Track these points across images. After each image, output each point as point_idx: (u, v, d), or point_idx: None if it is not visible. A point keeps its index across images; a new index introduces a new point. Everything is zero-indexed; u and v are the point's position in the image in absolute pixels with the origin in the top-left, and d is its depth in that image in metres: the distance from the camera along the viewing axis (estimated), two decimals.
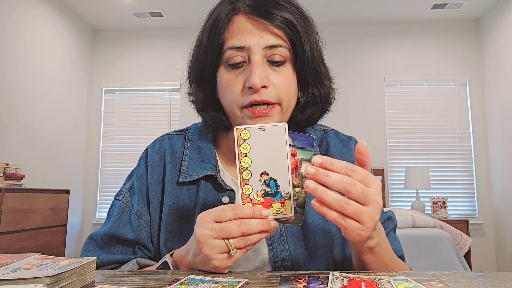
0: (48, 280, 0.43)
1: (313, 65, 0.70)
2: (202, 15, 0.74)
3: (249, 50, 0.65)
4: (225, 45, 0.67)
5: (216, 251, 0.53)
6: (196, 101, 0.75)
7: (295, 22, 0.67)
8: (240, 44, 0.65)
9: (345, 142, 0.81)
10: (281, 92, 0.66)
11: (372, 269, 0.61)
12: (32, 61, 3.64)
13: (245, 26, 0.66)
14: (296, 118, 0.74)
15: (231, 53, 0.66)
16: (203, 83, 0.73)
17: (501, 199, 3.99)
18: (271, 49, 0.65)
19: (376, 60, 4.48)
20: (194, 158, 0.75)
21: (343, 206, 0.49)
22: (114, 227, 0.73)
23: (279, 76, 0.66)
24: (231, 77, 0.67)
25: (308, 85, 0.72)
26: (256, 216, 0.53)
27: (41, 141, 3.74)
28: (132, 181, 0.78)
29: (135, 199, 0.75)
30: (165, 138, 0.80)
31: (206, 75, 0.71)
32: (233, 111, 0.68)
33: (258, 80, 0.63)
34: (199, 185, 0.73)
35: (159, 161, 0.77)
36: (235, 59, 0.66)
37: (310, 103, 0.73)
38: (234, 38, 0.66)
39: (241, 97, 0.66)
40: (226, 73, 0.67)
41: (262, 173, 0.54)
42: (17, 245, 2.70)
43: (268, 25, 0.66)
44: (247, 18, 0.67)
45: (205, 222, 0.54)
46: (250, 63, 0.65)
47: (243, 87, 0.65)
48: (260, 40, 0.65)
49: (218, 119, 0.73)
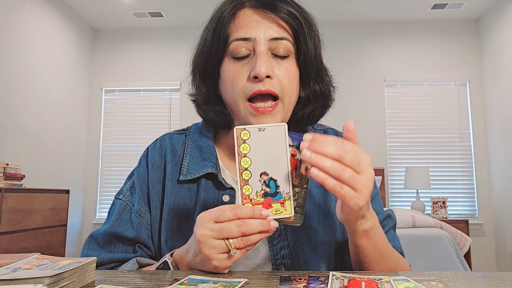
0: (48, 280, 0.43)
1: (316, 61, 0.71)
2: (202, 15, 0.75)
3: (255, 41, 0.66)
4: (230, 38, 0.68)
5: (216, 251, 0.53)
6: (199, 96, 0.75)
7: (299, 17, 0.68)
8: (245, 35, 0.66)
9: None
10: (284, 85, 0.67)
11: (369, 256, 0.62)
12: (32, 61, 3.64)
13: (251, 19, 0.68)
14: (297, 115, 0.74)
15: (237, 44, 0.67)
16: (206, 78, 0.73)
17: (501, 199, 3.99)
18: (275, 41, 0.67)
19: (376, 60, 4.48)
20: (194, 157, 0.75)
21: (340, 172, 0.50)
22: (115, 226, 0.73)
23: (282, 69, 0.67)
24: (236, 68, 0.67)
25: (309, 80, 0.73)
26: (256, 216, 0.53)
27: (41, 141, 3.74)
28: (133, 180, 0.78)
29: (135, 198, 0.75)
30: (166, 137, 0.80)
31: (210, 70, 0.72)
32: (236, 105, 0.68)
33: (263, 70, 0.64)
34: (200, 184, 0.73)
35: (159, 160, 0.77)
36: (240, 51, 0.67)
37: (311, 98, 0.74)
38: (240, 30, 0.67)
39: (245, 88, 0.66)
40: (232, 66, 0.68)
41: (262, 173, 0.54)
42: (17, 245, 2.70)
43: (274, 17, 0.67)
44: (253, 11, 0.68)
45: (205, 222, 0.54)
46: (255, 54, 0.66)
47: (248, 77, 0.66)
48: (265, 32, 0.66)
49: (220, 112, 0.73)
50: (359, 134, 3.25)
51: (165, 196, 0.74)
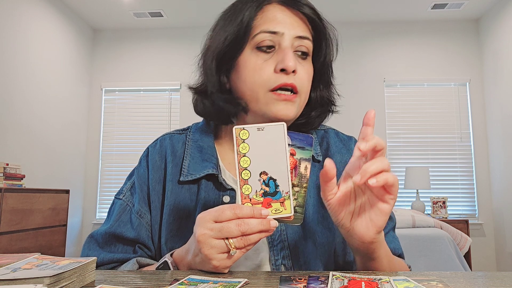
0: (48, 280, 0.43)
1: (329, 68, 0.75)
2: (202, 15, 0.75)
3: (282, 36, 0.67)
4: (256, 29, 0.68)
5: (215, 251, 0.53)
6: (210, 84, 0.73)
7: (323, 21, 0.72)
8: (274, 29, 0.67)
9: (345, 142, 0.81)
10: (303, 83, 0.69)
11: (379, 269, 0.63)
12: (32, 61, 3.64)
13: (281, 14, 0.69)
14: (301, 119, 0.75)
15: (264, 36, 0.68)
16: (221, 67, 0.72)
17: (501, 199, 3.99)
18: (300, 40, 0.69)
19: (376, 60, 4.48)
20: (195, 157, 0.75)
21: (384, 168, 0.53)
22: (115, 226, 0.73)
23: (302, 68, 0.69)
24: (259, 61, 0.68)
25: (319, 84, 0.75)
26: (256, 215, 0.53)
27: (41, 141, 3.74)
28: (133, 180, 0.78)
29: (136, 198, 0.75)
30: (166, 137, 0.80)
31: (227, 59, 0.71)
32: (255, 94, 0.68)
33: (291, 63, 0.65)
34: (200, 185, 0.73)
35: (160, 161, 0.76)
36: (266, 43, 0.68)
37: (318, 103, 0.76)
38: (268, 24, 0.68)
39: (269, 79, 0.67)
40: (254, 57, 0.68)
41: (261, 173, 0.54)
42: (17, 245, 2.70)
43: (301, 17, 0.70)
44: (280, 7, 0.70)
45: (204, 222, 0.54)
46: (281, 48, 0.68)
47: (273, 70, 0.67)
48: (291, 29, 0.68)
49: (233, 100, 0.71)
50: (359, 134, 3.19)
51: (165, 197, 0.73)
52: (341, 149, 0.79)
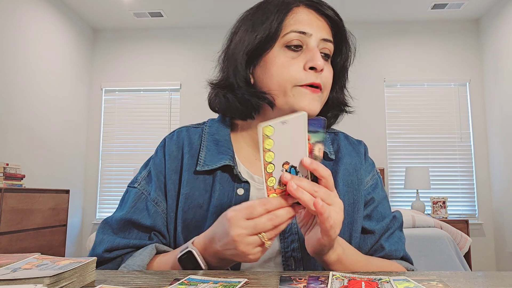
0: (48, 280, 0.43)
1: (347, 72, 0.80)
2: (202, 15, 0.75)
3: (310, 37, 0.71)
4: (286, 29, 0.72)
5: (252, 247, 0.55)
6: (236, 78, 0.75)
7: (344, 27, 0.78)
8: (304, 30, 0.71)
9: (355, 146, 0.84)
10: (327, 82, 0.73)
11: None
12: (32, 61, 3.64)
13: (310, 16, 0.73)
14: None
15: (294, 35, 0.71)
16: (251, 61, 0.75)
17: (501, 199, 3.99)
18: (324, 42, 0.73)
19: (376, 60, 4.48)
20: (211, 150, 0.77)
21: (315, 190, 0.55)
22: (131, 213, 0.74)
23: (326, 69, 0.73)
24: (287, 58, 0.71)
25: (335, 86, 0.80)
26: (283, 205, 0.56)
27: (41, 141, 3.74)
28: (149, 169, 0.79)
29: (152, 186, 0.77)
30: (183, 129, 0.82)
31: (256, 55, 0.74)
32: (282, 89, 0.71)
33: (320, 62, 0.69)
34: (215, 176, 0.74)
35: (177, 151, 0.78)
36: (294, 42, 0.71)
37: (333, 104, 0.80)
38: (298, 24, 0.72)
39: (298, 76, 0.70)
40: (283, 54, 0.72)
41: (284, 163, 0.55)
42: (17, 245, 2.70)
43: (326, 21, 0.75)
44: (309, 10, 0.74)
45: (237, 221, 0.55)
46: (309, 48, 0.71)
47: (302, 68, 0.70)
48: (318, 31, 0.72)
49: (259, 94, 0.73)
50: (359, 134, 3.25)
51: (181, 186, 0.75)
52: (351, 151, 0.82)
